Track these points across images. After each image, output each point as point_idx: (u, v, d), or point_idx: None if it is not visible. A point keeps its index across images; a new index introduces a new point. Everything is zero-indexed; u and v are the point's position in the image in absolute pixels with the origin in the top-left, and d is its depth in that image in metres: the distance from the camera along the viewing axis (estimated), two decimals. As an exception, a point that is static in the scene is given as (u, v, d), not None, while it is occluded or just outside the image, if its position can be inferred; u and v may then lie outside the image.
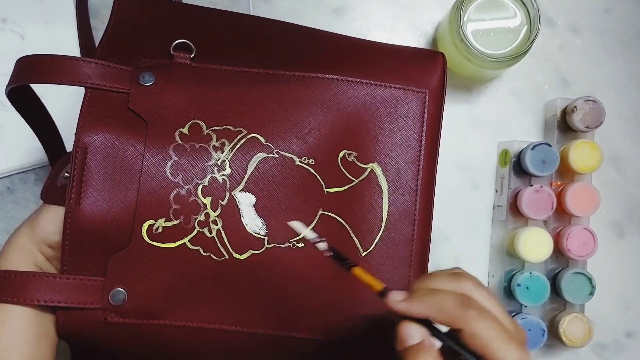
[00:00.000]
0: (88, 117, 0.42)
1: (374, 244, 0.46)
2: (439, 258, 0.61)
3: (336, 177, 0.46)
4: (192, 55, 0.46)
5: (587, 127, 0.59)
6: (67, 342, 0.45)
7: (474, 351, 0.34)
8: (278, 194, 0.44)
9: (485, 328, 0.34)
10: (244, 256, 0.44)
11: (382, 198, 0.47)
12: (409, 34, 0.63)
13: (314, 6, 0.62)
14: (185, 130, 0.44)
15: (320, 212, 0.46)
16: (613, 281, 0.62)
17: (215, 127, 0.44)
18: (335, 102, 0.46)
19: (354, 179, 0.47)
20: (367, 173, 0.47)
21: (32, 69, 0.43)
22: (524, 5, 0.56)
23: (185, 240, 0.43)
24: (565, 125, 0.61)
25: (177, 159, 0.43)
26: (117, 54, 0.45)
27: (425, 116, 0.48)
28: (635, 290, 0.62)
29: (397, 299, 0.36)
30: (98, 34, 0.61)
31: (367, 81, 0.47)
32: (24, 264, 0.43)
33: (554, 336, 0.59)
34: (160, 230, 0.43)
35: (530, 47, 0.54)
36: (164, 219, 0.43)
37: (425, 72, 0.49)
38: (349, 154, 0.47)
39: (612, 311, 0.62)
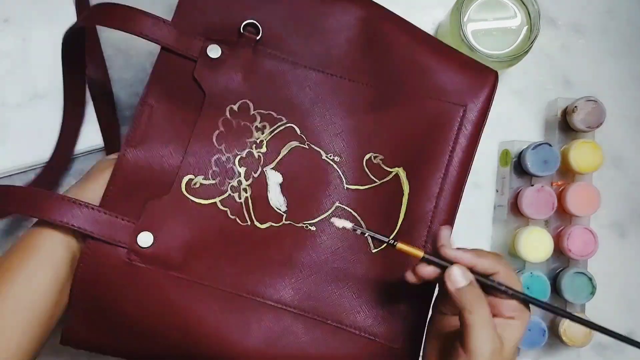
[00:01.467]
0: (157, 80, 0.47)
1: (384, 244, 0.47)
2: (439, 258, 0.61)
3: (359, 176, 0.49)
4: (258, 38, 0.48)
5: (588, 127, 0.59)
6: (79, 286, 0.46)
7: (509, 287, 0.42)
8: (302, 179, 0.48)
9: (512, 271, 0.43)
10: (264, 226, 0.48)
11: (402, 202, 0.48)
12: (409, 33, 0.63)
13: (314, 6, 0.62)
14: (235, 107, 0.48)
15: (337, 204, 0.48)
16: (614, 281, 0.62)
17: (261, 110, 0.48)
18: (370, 108, 0.49)
19: (376, 180, 0.48)
20: (391, 176, 0.49)
21: (111, 13, 0.47)
22: (525, 5, 0.56)
23: (217, 199, 0.47)
24: (566, 125, 0.61)
25: (223, 130, 0.48)
26: (189, 23, 0.48)
27: (460, 131, 0.48)
28: (636, 289, 0.62)
29: (445, 246, 0.42)
30: (99, 35, 0.61)
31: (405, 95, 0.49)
32: (97, 196, 0.46)
33: (554, 336, 0.59)
34: (197, 186, 0.47)
35: (530, 47, 0.54)
36: (202, 177, 0.47)
37: (469, 87, 0.49)
38: (375, 157, 0.49)
39: (613, 311, 0.62)
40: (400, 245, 0.42)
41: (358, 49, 0.50)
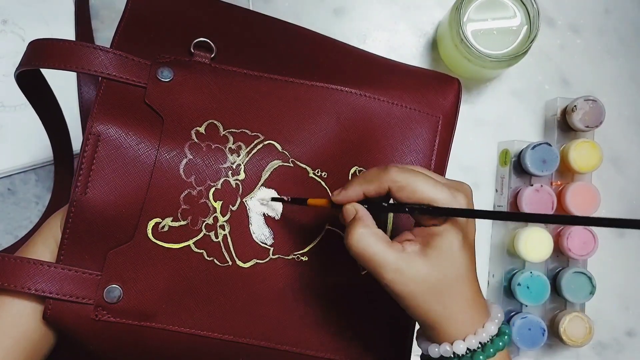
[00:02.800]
0: (103, 106, 0.41)
1: None
2: (439, 258, 0.61)
3: None
4: (212, 56, 0.45)
5: (587, 126, 0.59)
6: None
7: (408, 203, 0.37)
8: (288, 205, 0.44)
9: (408, 177, 0.37)
10: (248, 265, 0.43)
11: (387, 217, 0.45)
12: (409, 34, 0.63)
13: (314, 6, 0.62)
14: (201, 129, 0.43)
15: (326, 227, 0.45)
16: (613, 280, 0.62)
17: (232, 130, 0.43)
18: (352, 116, 0.46)
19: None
20: None
21: (46, 52, 0.42)
22: (524, 5, 0.56)
23: (190, 242, 0.42)
24: (565, 125, 0.61)
25: (192, 157, 0.42)
26: (133, 45, 0.44)
27: (437, 141, 0.48)
28: (635, 289, 0.62)
29: (336, 193, 0.39)
30: (98, 35, 0.61)
31: (385, 99, 0.47)
32: (49, 252, 0.42)
33: (554, 335, 0.59)
34: (166, 229, 0.42)
35: (530, 47, 0.54)
36: (171, 218, 0.42)
37: (440, 97, 0.48)
38: (359, 171, 0.46)
39: (612, 310, 0.62)
40: (310, 201, 0.41)
41: (320, 56, 0.48)
